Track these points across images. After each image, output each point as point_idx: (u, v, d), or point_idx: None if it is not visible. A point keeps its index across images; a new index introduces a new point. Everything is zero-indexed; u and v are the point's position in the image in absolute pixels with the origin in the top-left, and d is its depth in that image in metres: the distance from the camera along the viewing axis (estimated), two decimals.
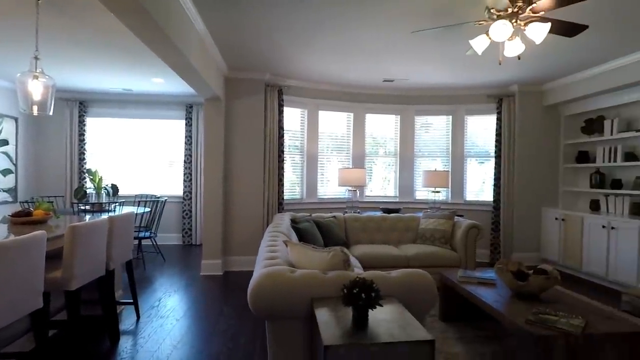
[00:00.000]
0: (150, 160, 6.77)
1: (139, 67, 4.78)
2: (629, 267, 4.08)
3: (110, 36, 3.68)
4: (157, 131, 6.80)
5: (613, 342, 2.03)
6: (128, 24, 2.36)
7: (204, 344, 2.77)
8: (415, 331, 1.30)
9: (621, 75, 4.25)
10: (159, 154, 6.80)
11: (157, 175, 6.80)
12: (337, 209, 5.66)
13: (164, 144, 6.81)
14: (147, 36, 2.57)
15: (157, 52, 2.93)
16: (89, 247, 2.37)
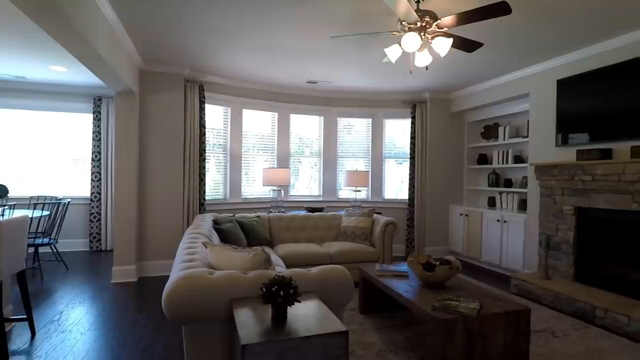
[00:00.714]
0: (50, 157, 6.02)
1: (36, 52, 4.23)
2: (517, 255, 4.72)
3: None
4: (59, 125, 6.07)
5: (501, 320, 2.33)
6: (25, 9, 2.09)
7: (115, 358, 2.56)
8: (331, 323, 1.37)
9: (510, 88, 4.89)
10: (62, 151, 6.08)
11: (59, 174, 6.07)
12: (261, 209, 5.63)
13: (68, 139, 6.11)
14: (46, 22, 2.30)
15: (59, 40, 2.64)
16: None
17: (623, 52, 3.51)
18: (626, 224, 3.49)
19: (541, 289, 3.80)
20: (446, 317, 2.21)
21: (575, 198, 3.88)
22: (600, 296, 3.46)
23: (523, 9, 2.94)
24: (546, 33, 3.45)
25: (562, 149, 4.12)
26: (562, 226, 4.04)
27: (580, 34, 3.46)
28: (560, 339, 2.94)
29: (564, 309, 3.55)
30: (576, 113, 3.94)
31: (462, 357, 2.23)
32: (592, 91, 3.77)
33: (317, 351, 1.26)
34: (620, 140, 3.52)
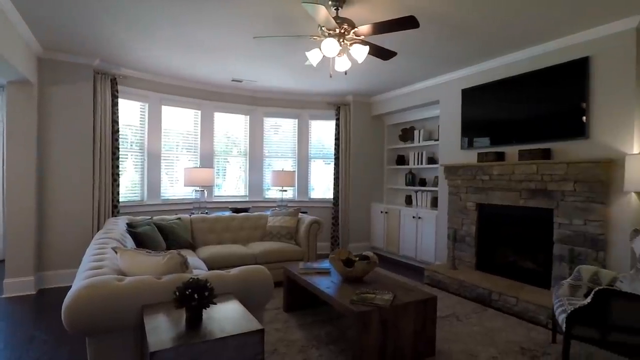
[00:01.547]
0: None
1: None
2: (430, 249, 5.15)
3: None
4: None
5: (412, 309, 2.54)
6: None
7: None
8: (247, 323, 1.38)
9: (423, 95, 5.31)
10: None
11: None
12: (183, 211, 5.38)
13: None
14: None
15: None
16: None
17: (514, 67, 4.03)
18: (515, 218, 4.01)
19: (449, 278, 4.20)
20: (362, 309, 2.35)
21: (477, 195, 4.35)
22: (496, 281, 3.93)
23: (432, 24, 3.22)
24: (452, 46, 3.82)
25: (466, 151, 4.60)
26: (466, 221, 4.51)
27: (481, 49, 3.89)
28: (463, 322, 3.29)
29: (467, 295, 3.97)
30: (477, 119, 4.42)
31: (377, 346, 2.39)
32: (490, 101, 4.26)
33: (232, 352, 1.27)
34: (512, 144, 4.03)
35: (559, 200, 3.52)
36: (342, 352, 2.69)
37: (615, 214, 3.17)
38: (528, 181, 3.75)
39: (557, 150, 3.64)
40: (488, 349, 2.77)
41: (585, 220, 3.34)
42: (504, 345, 2.85)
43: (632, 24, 3.03)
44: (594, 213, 3.27)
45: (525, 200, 3.82)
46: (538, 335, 3.03)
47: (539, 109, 3.75)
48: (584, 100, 3.37)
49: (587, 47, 3.38)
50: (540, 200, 3.68)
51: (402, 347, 2.50)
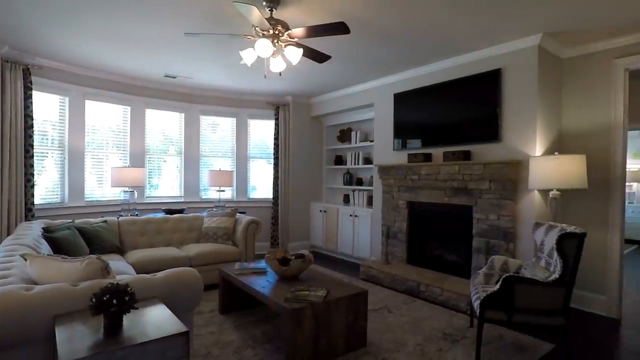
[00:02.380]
0: None
1: None
2: (366, 245, 5.36)
3: None
4: None
5: (344, 303, 2.65)
6: None
7: None
8: (170, 326, 1.36)
9: (359, 98, 5.52)
10: None
11: None
12: (112, 213, 5.04)
13: None
14: None
15: None
16: None
17: (439, 75, 4.34)
18: (441, 215, 4.33)
19: (382, 272, 4.42)
20: (296, 306, 2.40)
21: (408, 194, 4.62)
22: (424, 274, 4.21)
23: (364, 30, 3.37)
24: (383, 53, 4.01)
25: (398, 152, 4.86)
26: (398, 218, 4.77)
27: (410, 57, 4.13)
28: (393, 314, 3.48)
29: (398, 288, 4.20)
30: (408, 122, 4.70)
31: (310, 341, 2.46)
32: (419, 105, 4.55)
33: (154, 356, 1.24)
34: (438, 146, 4.34)
35: (477, 198, 3.87)
36: (277, 349, 2.72)
37: (522, 210, 3.56)
38: (451, 180, 4.07)
39: (475, 152, 3.99)
40: (415, 337, 2.97)
41: (498, 216, 3.71)
42: (429, 332, 3.07)
43: (535, 41, 3.43)
44: (505, 209, 3.65)
45: (449, 198, 4.14)
46: (459, 321, 3.31)
47: (460, 114, 4.08)
48: (497, 108, 3.74)
49: (500, 60, 3.76)
50: (462, 198, 4.01)
51: (335, 341, 2.59)
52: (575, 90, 3.73)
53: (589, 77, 3.63)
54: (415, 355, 2.67)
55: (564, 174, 3.12)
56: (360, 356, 2.64)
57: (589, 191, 3.61)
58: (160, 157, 5.68)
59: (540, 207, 3.53)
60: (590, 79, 3.62)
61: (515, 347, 2.83)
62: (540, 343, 2.89)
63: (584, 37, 3.42)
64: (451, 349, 2.77)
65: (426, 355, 2.67)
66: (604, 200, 3.54)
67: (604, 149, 3.54)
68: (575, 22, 3.12)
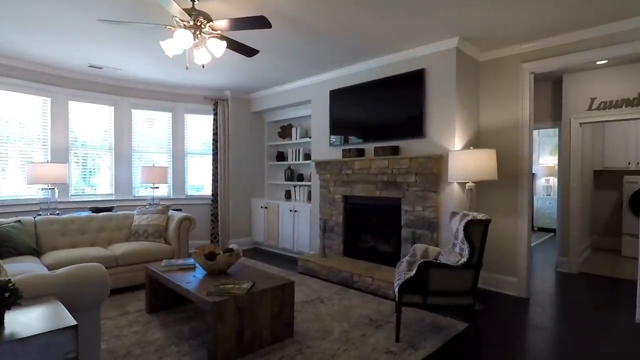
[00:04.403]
0: None
1: None
2: (305, 240, 5.43)
3: None
4: None
5: (268, 295, 2.68)
6: None
7: None
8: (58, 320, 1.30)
9: (297, 94, 5.56)
10: None
11: None
12: (28, 213, 4.65)
13: None
14: None
15: None
16: None
17: (370, 73, 4.50)
18: (374, 207, 4.50)
19: (319, 265, 4.51)
20: (217, 299, 2.39)
21: (343, 188, 4.76)
22: (358, 265, 4.36)
23: (290, 26, 3.41)
24: (315, 50, 4.09)
25: (334, 148, 4.97)
26: (335, 212, 4.89)
27: (341, 55, 4.25)
28: (325, 304, 3.58)
29: (333, 279, 4.32)
30: (343, 119, 4.82)
31: (233, 333, 2.46)
32: (353, 102, 4.69)
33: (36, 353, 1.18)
34: (369, 142, 4.51)
35: (405, 191, 4.08)
36: (203, 345, 2.69)
37: (443, 201, 3.82)
38: (382, 174, 4.25)
39: (403, 148, 4.20)
40: (342, 324, 3.08)
41: (423, 207, 3.94)
42: (356, 319, 3.20)
43: (453, 44, 3.68)
44: (429, 200, 3.88)
45: (380, 191, 4.32)
46: (386, 308, 3.48)
47: (390, 112, 4.27)
48: (422, 105, 3.96)
49: (423, 61, 3.98)
50: (391, 191, 4.21)
51: (260, 333, 2.62)
52: (490, 90, 4.05)
53: (500, 79, 3.96)
54: (340, 342, 2.77)
55: (477, 167, 3.39)
56: (286, 346, 2.69)
57: (500, 183, 3.95)
58: (87, 152, 5.33)
59: (460, 198, 3.81)
60: (502, 80, 3.95)
61: (433, 328, 3.03)
62: (456, 323, 3.12)
63: (495, 42, 3.73)
64: (374, 334, 2.91)
65: (350, 341, 2.78)
66: (514, 191, 3.89)
67: (513, 144, 3.89)
68: (485, 28, 3.39)
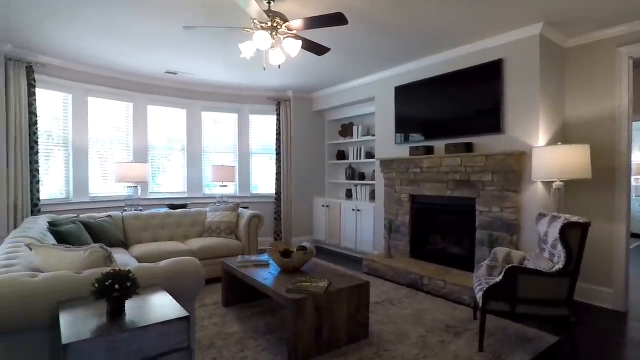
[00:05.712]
0: None
1: None
2: (369, 240, 5.36)
3: None
4: None
5: (345, 294, 2.65)
6: None
7: None
8: (171, 311, 1.37)
9: (360, 92, 5.50)
10: None
11: None
12: (115, 209, 5.07)
13: None
14: None
15: None
16: None
17: (440, 67, 4.32)
18: (444, 207, 4.32)
19: (385, 266, 4.42)
20: (297, 297, 2.41)
21: (410, 187, 4.62)
22: (426, 267, 4.20)
23: (363, 22, 3.36)
24: (384, 45, 4.00)
25: (400, 146, 4.85)
26: (401, 212, 4.76)
27: (410, 49, 4.12)
28: (396, 306, 3.48)
29: (401, 281, 4.20)
30: (410, 116, 4.68)
31: (312, 331, 2.47)
32: (421, 98, 4.53)
33: (154, 340, 1.25)
34: (439, 139, 4.33)
35: (480, 190, 3.85)
36: (279, 340, 2.74)
37: (525, 201, 3.55)
38: (454, 173, 4.05)
39: (478, 144, 3.97)
40: (417, 329, 2.97)
41: (501, 208, 3.69)
42: (431, 324, 3.07)
43: (536, 31, 3.40)
44: (508, 201, 3.63)
45: (452, 190, 4.12)
46: (461, 313, 3.31)
47: (463, 106, 4.06)
48: (499, 99, 3.72)
49: (501, 51, 3.73)
50: (464, 191, 4.00)
51: (337, 331, 2.60)
52: (579, 79, 3.69)
53: (592, 66, 3.60)
54: (418, 347, 2.67)
55: (568, 165, 3.10)
56: (362, 347, 2.65)
57: (593, 182, 3.59)
58: (163, 154, 5.71)
59: (544, 198, 3.51)
60: (593, 67, 3.58)
61: (519, 339, 2.82)
62: (545, 335, 2.88)
63: (585, 25, 3.39)
64: (454, 341, 2.77)
65: (428, 347, 2.67)
66: (610, 192, 3.51)
67: (608, 139, 3.51)
68: (576, 10, 3.09)
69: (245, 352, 2.56)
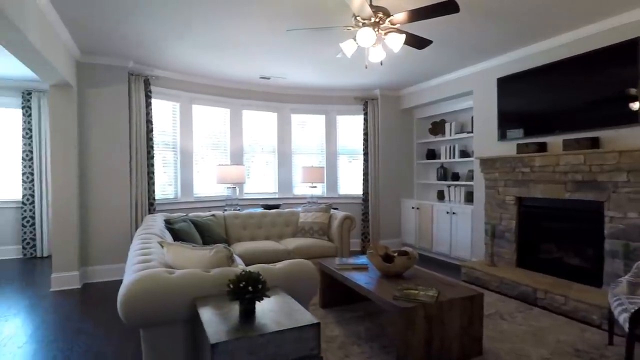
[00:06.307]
0: None
1: None
2: (465, 245, 4.99)
3: None
4: None
5: (458, 305, 2.45)
6: None
7: None
8: (301, 316, 1.35)
9: (455, 86, 5.15)
10: None
11: None
12: (215, 208, 5.44)
13: None
14: None
15: None
16: None
17: (555, 53, 3.83)
18: (560, 212, 3.81)
19: (488, 275, 4.05)
20: (407, 305, 2.28)
21: (516, 189, 4.17)
22: (539, 279, 3.75)
23: (465, 9, 3.10)
24: (488, 33, 3.67)
25: (503, 143, 4.42)
26: (505, 215, 4.34)
27: (519, 34, 3.72)
28: (507, 321, 3.15)
29: (508, 293, 3.81)
30: (515, 109, 4.24)
31: (422, 342, 2.32)
32: (529, 89, 4.07)
33: (289, 345, 1.24)
34: (554, 134, 3.84)
35: (611, 192, 3.31)
36: (384, 349, 2.63)
37: None
38: (574, 172, 3.55)
39: (606, 139, 3.43)
40: (538, 350, 2.64)
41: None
42: (555, 345, 2.70)
43: None
44: None
45: (570, 192, 3.62)
46: (592, 336, 2.86)
47: (584, 96, 3.54)
48: (634, 85, 3.16)
49: (635, 29, 3.16)
50: (587, 193, 3.48)
51: (448, 345, 2.41)
52: None
53: None
54: None
55: None
56: None
57: None
58: (256, 156, 5.98)
59: None
60: None
61: None
62: None
63: None
64: None
65: None
66: None
67: None
68: None
69: (350, 358, 2.50)
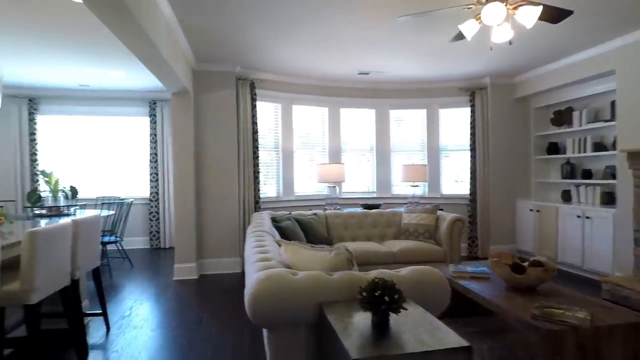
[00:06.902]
0: (112, 160, 6.29)
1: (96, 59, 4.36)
2: (604, 256, 4.18)
3: (62, 26, 3.29)
4: (119, 129, 6.32)
5: (619, 333, 1.99)
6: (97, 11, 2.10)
7: (185, 356, 2.51)
8: (446, 336, 1.16)
9: (589, 66, 4.36)
10: (122, 154, 6.33)
11: (120, 176, 6.32)
12: (315, 206, 5.48)
13: (127, 142, 6.35)
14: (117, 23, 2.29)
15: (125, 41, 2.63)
16: (51, 254, 2.06)
17: None
18: None
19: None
20: (553, 327, 1.91)
21: None
22: None
23: None
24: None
25: None
26: None
27: None
28: None
29: None
30: None
31: None
32: None
33: None
34: None
35: None
36: None
37: None
38: None
39: None
40: None
41: None
42: None
43: None
44: None
45: None
46: None
47: None
48: None
49: None
50: None
51: None
52: None
53: None
54: None
55: None
56: None
57: None
58: (354, 154, 5.88)
59: None
60: None
61: None
62: None
63: None
64: None
65: None
66: None
67: None
68: None
69: None
